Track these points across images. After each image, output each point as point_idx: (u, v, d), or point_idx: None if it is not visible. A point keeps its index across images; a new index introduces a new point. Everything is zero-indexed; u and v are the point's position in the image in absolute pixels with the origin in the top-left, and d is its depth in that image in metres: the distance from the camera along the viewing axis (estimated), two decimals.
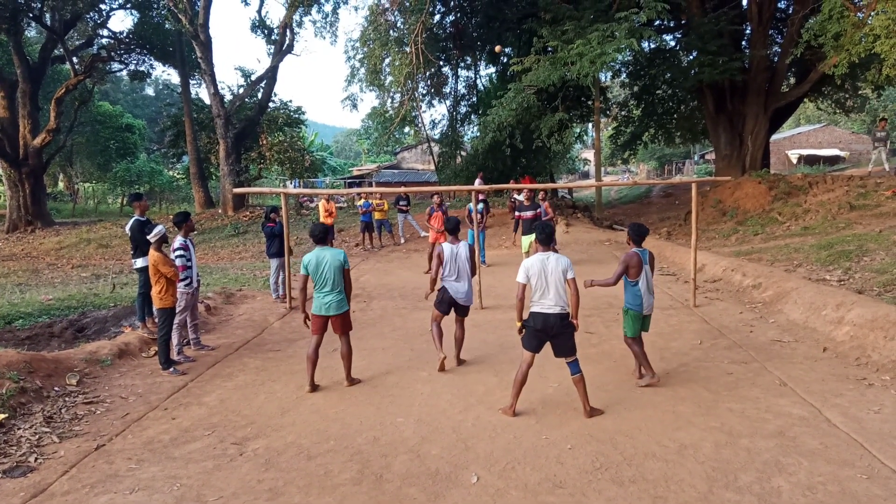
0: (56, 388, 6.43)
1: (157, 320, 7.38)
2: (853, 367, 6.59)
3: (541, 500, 4.24)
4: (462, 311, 7.33)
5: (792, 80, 25.12)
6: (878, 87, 20.30)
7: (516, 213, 12.69)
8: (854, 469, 4.48)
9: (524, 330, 5.64)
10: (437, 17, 26.61)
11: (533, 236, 12.09)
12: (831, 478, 4.37)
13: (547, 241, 5.68)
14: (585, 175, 67.98)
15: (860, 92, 26.44)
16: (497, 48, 23.89)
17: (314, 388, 6.64)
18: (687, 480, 4.43)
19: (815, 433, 5.08)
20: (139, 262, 8.40)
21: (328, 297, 6.51)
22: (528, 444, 5.11)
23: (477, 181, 20.14)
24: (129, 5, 31.60)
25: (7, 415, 5.58)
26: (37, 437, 5.40)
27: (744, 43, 23.67)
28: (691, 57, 22.88)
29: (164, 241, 7.22)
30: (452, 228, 7.43)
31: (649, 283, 6.35)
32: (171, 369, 7.24)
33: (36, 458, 5.02)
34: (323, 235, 6.58)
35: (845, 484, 4.28)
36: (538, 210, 12.30)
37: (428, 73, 26.36)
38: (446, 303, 7.21)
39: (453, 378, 6.81)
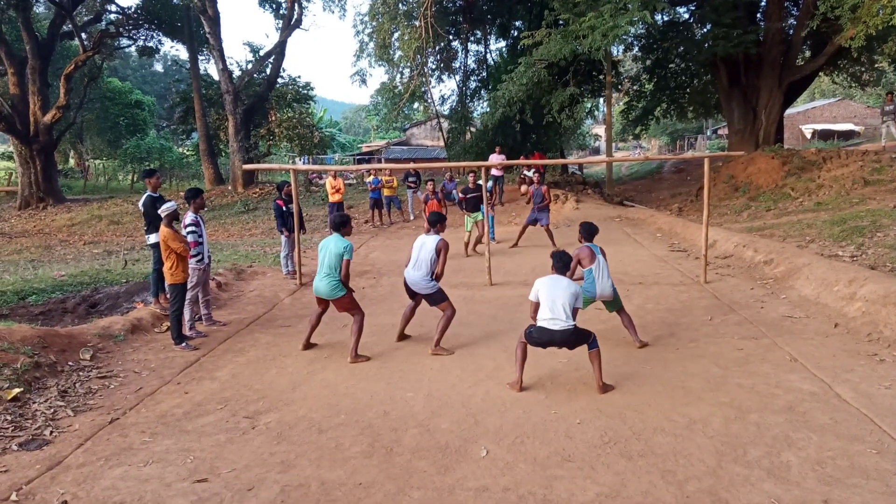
0: (70, 363, 6.51)
1: (168, 296, 7.43)
2: (864, 342, 6.55)
3: (550, 474, 4.27)
4: (429, 300, 7.07)
5: (807, 54, 24.68)
6: (895, 60, 19.93)
7: (460, 196, 13.11)
8: (864, 444, 4.48)
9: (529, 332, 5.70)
10: None
11: (478, 215, 12.61)
12: (841, 452, 4.37)
13: (562, 269, 5.82)
14: (596, 151, 67.45)
15: (877, 65, 25.98)
16: None
17: (308, 346, 7.20)
18: (696, 455, 4.44)
19: (825, 408, 5.08)
20: (152, 238, 8.42)
21: (320, 282, 6.78)
22: (537, 418, 5.13)
23: (494, 156, 19.93)
24: None
25: (22, 389, 5.66)
26: (52, 410, 5.47)
27: (759, 15, 23.25)
28: (705, 30, 22.51)
29: (174, 217, 7.24)
30: (432, 221, 7.20)
31: (602, 271, 6.76)
32: (184, 344, 7.30)
33: (51, 432, 5.10)
34: (338, 224, 6.85)
35: (855, 459, 4.29)
36: (478, 194, 12.52)
37: (437, 48, 26.13)
38: (406, 287, 7.16)
39: (462, 354, 6.84)
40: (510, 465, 4.41)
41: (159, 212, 7.25)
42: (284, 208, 10.97)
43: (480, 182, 12.99)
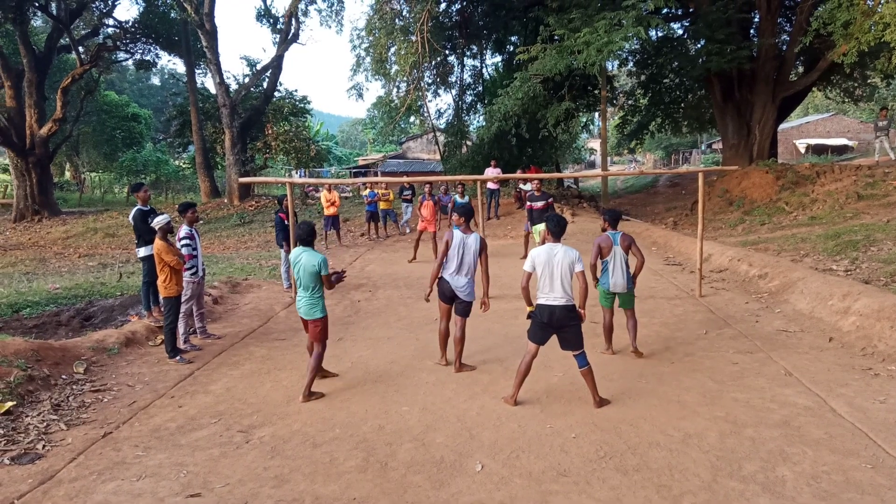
0: (63, 377, 6.48)
1: (162, 309, 7.41)
2: (859, 356, 6.57)
3: (545, 489, 4.26)
4: (461, 307, 6.61)
5: (800, 69, 24.91)
6: (888, 75, 20.10)
7: (528, 204, 12.52)
8: (859, 459, 4.47)
9: (531, 318, 5.64)
10: (443, 5, 26.47)
11: (543, 225, 12.01)
12: (836, 467, 4.37)
13: (558, 233, 5.71)
14: (592, 164, 67.72)
15: (869, 81, 26.20)
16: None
17: (308, 396, 6.19)
18: (691, 469, 4.43)
19: (820, 423, 5.08)
20: (143, 251, 8.41)
21: (300, 300, 6.19)
22: (533, 432, 5.12)
23: (489, 170, 19.96)
24: None
25: (15, 402, 5.62)
26: (44, 424, 5.44)
27: (752, 31, 23.48)
28: (699, 45, 22.69)
29: (169, 230, 7.23)
30: (466, 213, 6.58)
31: (617, 263, 6.71)
32: (178, 358, 7.27)
33: (44, 446, 5.07)
34: (306, 237, 6.19)
35: (850, 473, 4.28)
36: (549, 199, 12.16)
37: (434, 62, 26.28)
38: (447, 294, 6.60)
39: None
40: (505, 480, 4.39)
41: (153, 225, 7.24)
42: (286, 222, 10.92)
43: (545, 190, 12.70)
